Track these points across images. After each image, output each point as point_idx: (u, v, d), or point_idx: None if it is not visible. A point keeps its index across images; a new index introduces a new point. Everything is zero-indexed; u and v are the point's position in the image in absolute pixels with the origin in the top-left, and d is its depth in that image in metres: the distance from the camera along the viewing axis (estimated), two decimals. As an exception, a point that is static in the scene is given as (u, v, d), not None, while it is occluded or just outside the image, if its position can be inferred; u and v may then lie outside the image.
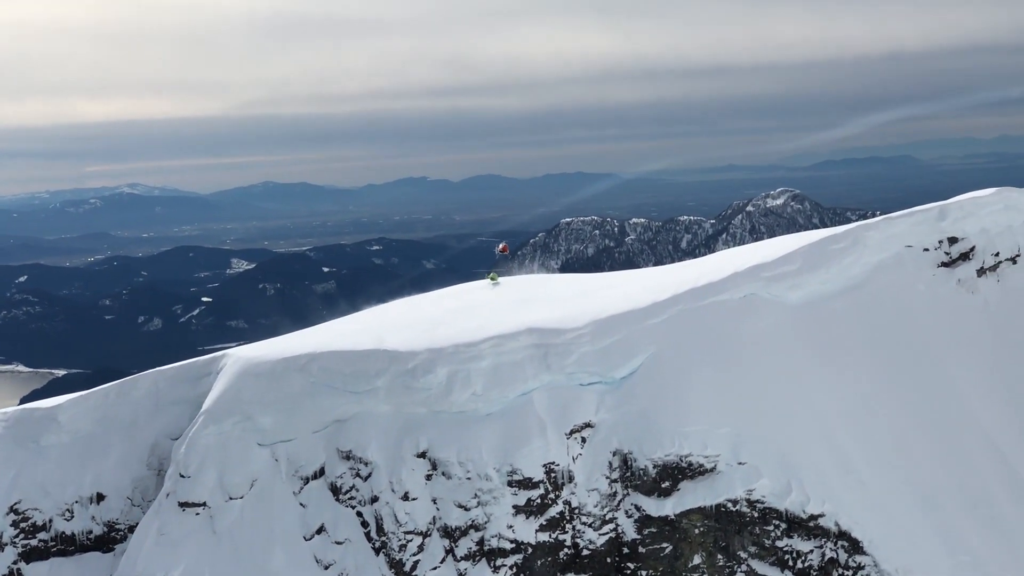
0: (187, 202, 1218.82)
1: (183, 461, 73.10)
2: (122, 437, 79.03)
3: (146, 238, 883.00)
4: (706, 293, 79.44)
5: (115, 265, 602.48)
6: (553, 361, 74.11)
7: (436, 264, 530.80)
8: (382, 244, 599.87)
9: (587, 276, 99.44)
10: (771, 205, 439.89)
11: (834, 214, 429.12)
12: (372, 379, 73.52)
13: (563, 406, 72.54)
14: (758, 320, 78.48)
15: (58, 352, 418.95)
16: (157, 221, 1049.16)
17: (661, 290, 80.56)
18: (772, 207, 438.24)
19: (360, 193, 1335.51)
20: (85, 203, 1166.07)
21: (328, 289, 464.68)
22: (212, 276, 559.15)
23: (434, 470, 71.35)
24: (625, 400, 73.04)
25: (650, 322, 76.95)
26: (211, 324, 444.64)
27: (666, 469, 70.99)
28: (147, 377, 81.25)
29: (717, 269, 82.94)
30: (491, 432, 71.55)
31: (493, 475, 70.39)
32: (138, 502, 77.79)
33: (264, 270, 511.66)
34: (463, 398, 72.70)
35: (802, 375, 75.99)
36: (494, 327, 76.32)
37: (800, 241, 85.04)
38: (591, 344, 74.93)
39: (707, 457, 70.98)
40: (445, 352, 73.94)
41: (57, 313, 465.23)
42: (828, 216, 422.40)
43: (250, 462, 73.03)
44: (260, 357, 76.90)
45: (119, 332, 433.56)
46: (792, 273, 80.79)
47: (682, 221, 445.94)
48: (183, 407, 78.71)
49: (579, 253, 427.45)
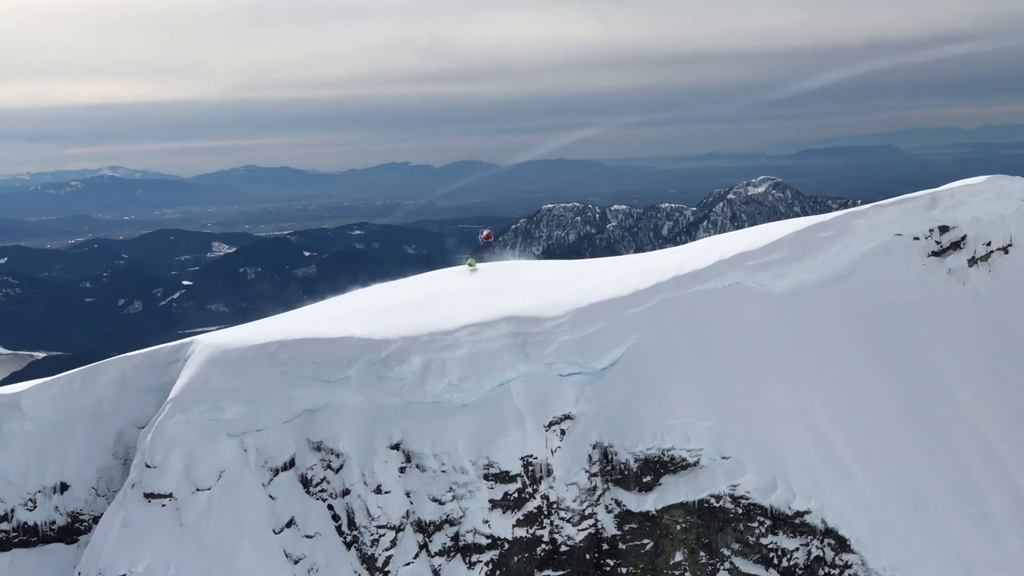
0: (168, 185, 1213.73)
1: (149, 451, 70.54)
2: (87, 425, 76.49)
3: (127, 221, 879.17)
4: (690, 281, 77.47)
5: (96, 248, 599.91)
6: (531, 351, 72.08)
7: (417, 249, 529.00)
8: (363, 229, 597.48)
9: (567, 263, 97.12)
10: (752, 193, 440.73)
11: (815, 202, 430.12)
12: (344, 368, 71.19)
13: (541, 397, 70.56)
14: (743, 310, 76.66)
15: (38, 334, 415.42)
16: (138, 204, 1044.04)
17: (643, 278, 78.52)
18: (753, 195, 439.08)
19: (342, 178, 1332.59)
20: (66, 185, 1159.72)
21: (309, 273, 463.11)
22: (193, 260, 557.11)
23: (408, 462, 69.14)
24: (605, 392, 71.08)
25: (632, 311, 75.01)
26: (192, 308, 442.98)
27: (647, 463, 69.10)
28: (113, 364, 78.68)
29: (701, 257, 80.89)
30: (467, 424, 69.39)
31: (469, 468, 68.32)
32: (103, 492, 75.29)
33: (245, 254, 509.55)
34: (438, 388, 70.45)
35: (788, 367, 74.13)
36: (471, 315, 74.15)
37: (786, 229, 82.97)
38: (571, 333, 72.92)
39: (690, 451, 69.15)
40: (420, 340, 71.66)
41: (37, 295, 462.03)
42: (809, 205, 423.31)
43: (218, 453, 70.44)
44: (229, 344, 74.45)
45: (99, 315, 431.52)
46: (778, 261, 78.84)
47: (663, 208, 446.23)
48: (150, 395, 76.16)
49: (560, 239, 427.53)
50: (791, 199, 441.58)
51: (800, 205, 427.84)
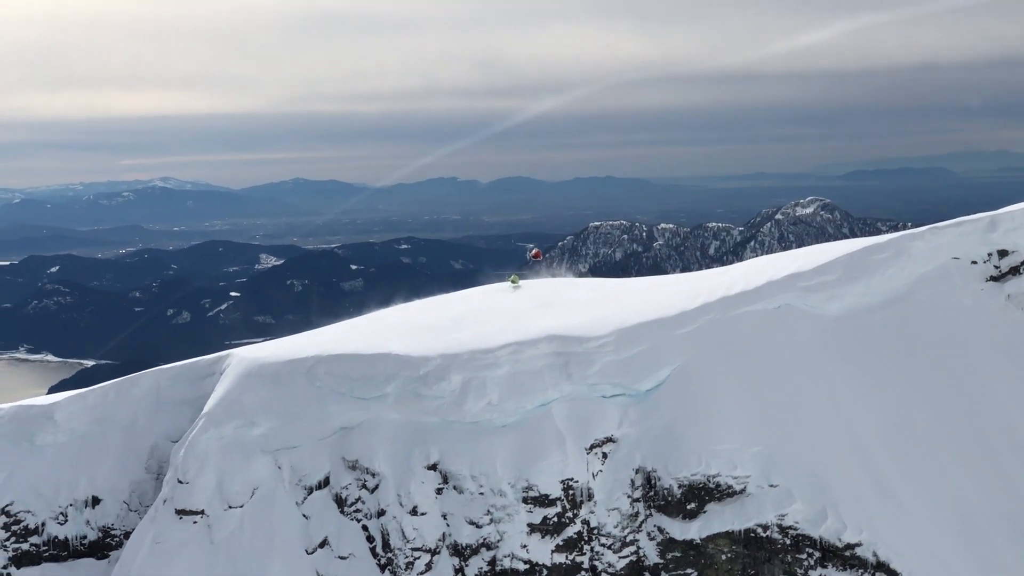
0: (218, 197, 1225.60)
1: (181, 466, 69.40)
2: (120, 438, 75.55)
3: (177, 232, 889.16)
4: (738, 302, 75.13)
5: (146, 258, 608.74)
6: (574, 371, 70.22)
7: (464, 264, 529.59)
8: (410, 243, 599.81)
9: (613, 281, 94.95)
10: (800, 214, 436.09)
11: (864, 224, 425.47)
12: (381, 385, 69.63)
13: (583, 419, 68.65)
14: (793, 332, 74.17)
15: (88, 343, 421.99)
16: (188, 215, 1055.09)
17: (691, 298, 76.33)
18: (801, 216, 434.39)
19: (390, 192, 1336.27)
20: (118, 196, 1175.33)
21: (356, 287, 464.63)
22: (241, 271, 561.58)
23: (445, 483, 67.44)
24: (650, 414, 69.03)
25: (678, 332, 72.89)
26: (239, 319, 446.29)
27: (692, 489, 66.82)
28: (148, 376, 77.63)
29: (750, 277, 78.52)
30: (506, 445, 67.63)
31: (507, 491, 66.51)
32: (135, 507, 74.21)
33: (292, 266, 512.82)
34: (477, 408, 68.74)
35: (839, 392, 71.52)
36: (512, 333, 72.38)
37: (839, 250, 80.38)
38: (615, 353, 70.93)
39: (736, 478, 66.75)
40: (459, 358, 69.95)
41: (88, 304, 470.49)
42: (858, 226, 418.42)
43: (251, 469, 69.29)
44: (265, 358, 73.09)
45: (148, 324, 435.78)
46: (830, 283, 76.25)
47: (710, 228, 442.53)
48: (185, 408, 75.11)
49: (607, 257, 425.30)
50: (840, 220, 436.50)
51: (849, 227, 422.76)
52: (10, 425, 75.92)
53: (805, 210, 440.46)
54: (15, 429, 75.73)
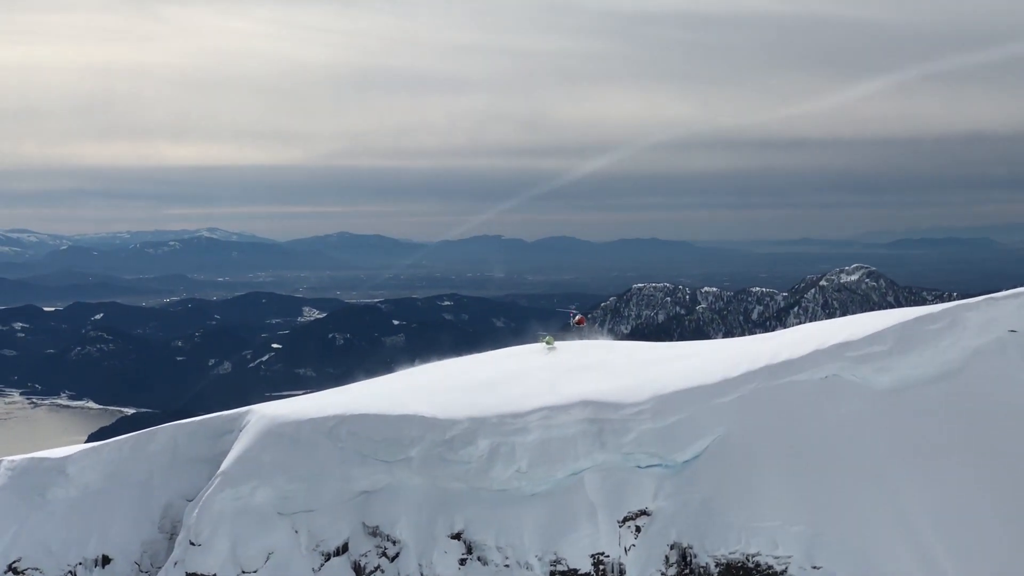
0: (263, 248, 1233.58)
1: (194, 527, 66.61)
2: (134, 495, 72.90)
3: (221, 282, 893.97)
4: (783, 371, 71.69)
5: (189, 307, 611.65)
6: (608, 439, 67.36)
7: (506, 323, 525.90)
8: (453, 300, 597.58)
9: (651, 345, 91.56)
10: (845, 281, 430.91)
11: (910, 293, 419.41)
12: (405, 448, 67.06)
13: (617, 490, 65.88)
14: (840, 405, 70.63)
15: (129, 390, 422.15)
16: (233, 266, 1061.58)
17: (733, 365, 72.94)
18: (846, 283, 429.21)
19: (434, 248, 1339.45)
20: (164, 245, 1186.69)
21: (397, 342, 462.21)
22: (283, 323, 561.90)
23: (469, 554, 64.67)
24: (687, 487, 66.02)
25: (719, 400, 69.74)
26: (280, 371, 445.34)
27: (730, 569, 63.60)
28: (165, 431, 74.98)
29: (796, 345, 75.05)
30: (535, 515, 65.00)
31: (535, 564, 63.77)
32: (146, 568, 71.27)
33: (335, 320, 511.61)
34: (505, 475, 66.25)
35: (889, 470, 67.69)
36: (544, 397, 69.50)
37: (890, 319, 76.69)
38: (652, 422, 68.04)
39: (777, 558, 63.41)
40: (488, 422, 67.14)
41: (130, 352, 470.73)
42: (903, 295, 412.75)
43: (267, 532, 66.62)
44: (285, 416, 70.34)
45: (189, 373, 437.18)
46: (881, 354, 72.55)
47: (754, 292, 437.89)
48: (202, 466, 72.38)
49: (649, 319, 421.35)
50: (885, 289, 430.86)
51: (894, 295, 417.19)
52: (22, 478, 73.38)
53: (850, 277, 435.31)
54: (27, 482, 73.20)
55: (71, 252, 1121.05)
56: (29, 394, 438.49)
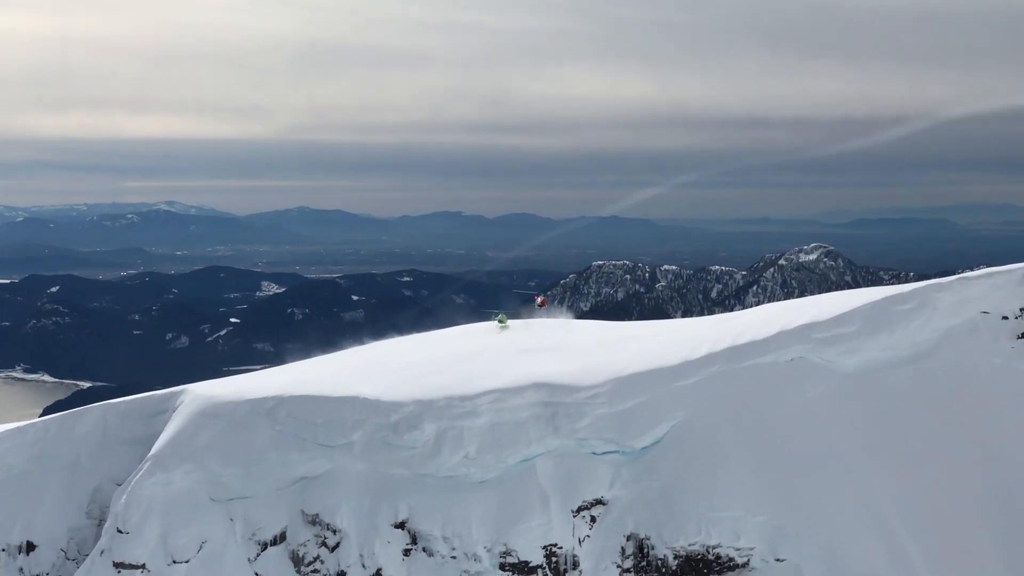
0: (222, 222, 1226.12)
1: (122, 513, 62.69)
2: (61, 479, 68.86)
3: (179, 256, 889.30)
4: (747, 353, 68.43)
5: (147, 281, 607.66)
6: (562, 423, 63.82)
7: (466, 300, 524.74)
8: (413, 276, 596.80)
9: (610, 324, 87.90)
10: (804, 260, 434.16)
11: (867, 273, 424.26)
12: (347, 432, 63.32)
13: (571, 478, 62.46)
14: (806, 389, 67.48)
15: (84, 364, 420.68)
16: (191, 240, 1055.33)
17: (694, 346, 69.65)
18: (804, 262, 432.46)
19: (395, 224, 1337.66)
20: (122, 218, 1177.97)
21: (356, 317, 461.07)
22: (242, 297, 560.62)
23: (414, 544, 61.19)
24: (644, 475, 62.81)
25: (679, 384, 66.39)
26: (237, 345, 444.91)
27: (689, 561, 60.61)
28: (94, 411, 70.89)
29: (760, 325, 71.80)
30: (484, 503, 61.54)
31: (483, 555, 60.31)
32: (73, 555, 67.31)
33: (293, 294, 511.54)
34: (453, 461, 62.53)
35: (856, 457, 64.86)
36: (495, 378, 65.93)
37: (858, 299, 73.51)
38: (608, 406, 64.56)
39: (739, 550, 60.54)
40: (435, 405, 63.50)
41: (86, 325, 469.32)
42: (861, 275, 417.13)
43: (200, 520, 62.63)
44: (221, 396, 66.42)
45: (146, 347, 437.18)
46: (849, 336, 69.41)
47: (713, 271, 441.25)
48: (134, 448, 68.34)
49: (609, 297, 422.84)
50: (843, 268, 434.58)
51: (852, 275, 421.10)
52: (-60, 460, 68.98)
53: (808, 256, 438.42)
54: (-55, 465, 68.81)
55: (27, 224, 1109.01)
56: None
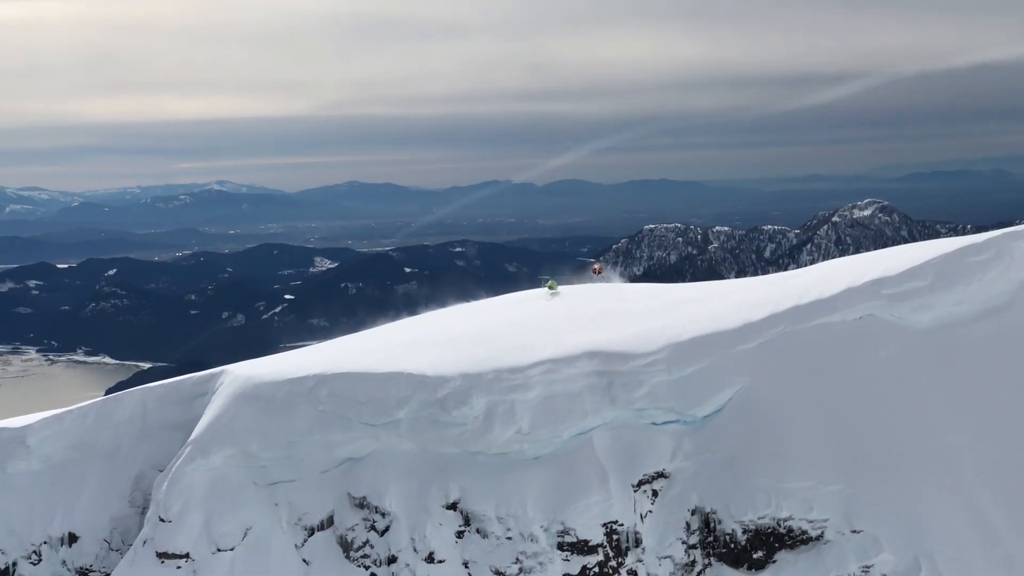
0: (273, 200, 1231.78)
1: (164, 501, 60.89)
2: (101, 467, 67.54)
3: (232, 235, 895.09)
4: (812, 313, 65.14)
5: (201, 261, 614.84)
6: (619, 393, 61.40)
7: (518, 267, 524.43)
8: (465, 246, 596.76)
9: (664, 287, 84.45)
10: (857, 216, 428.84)
11: (924, 227, 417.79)
12: (392, 409, 61.14)
13: (630, 450, 60.07)
14: (878, 348, 64.24)
15: (143, 345, 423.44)
16: (244, 218, 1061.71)
17: (756, 307, 66.34)
18: (859, 218, 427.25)
19: (444, 195, 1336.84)
20: (175, 199, 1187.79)
21: (410, 289, 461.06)
22: (295, 274, 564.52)
23: (467, 526, 59.04)
24: (708, 445, 60.27)
25: (742, 347, 63.66)
26: (293, 321, 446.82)
27: (759, 535, 58.04)
28: (133, 396, 68.93)
29: (825, 283, 68.26)
30: (539, 481, 59.19)
31: (540, 535, 57.96)
32: (117, 545, 65.92)
33: (347, 269, 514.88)
34: (505, 437, 60.18)
35: (934, 420, 61.45)
36: (546, 348, 63.51)
37: (929, 251, 69.67)
38: (666, 373, 62.14)
39: (812, 522, 57.78)
40: (484, 378, 61.19)
41: (144, 307, 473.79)
42: (917, 229, 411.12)
43: (244, 506, 61.06)
44: (261, 377, 64.02)
45: (203, 327, 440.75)
46: (921, 290, 65.71)
47: (766, 230, 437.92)
48: (174, 433, 66.62)
49: (661, 260, 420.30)
50: (898, 223, 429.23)
51: (908, 229, 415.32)
52: (-22, 451, 67.10)
53: (863, 212, 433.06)
54: (-17, 456, 66.93)
55: (83, 208, 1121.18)
56: (46, 351, 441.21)
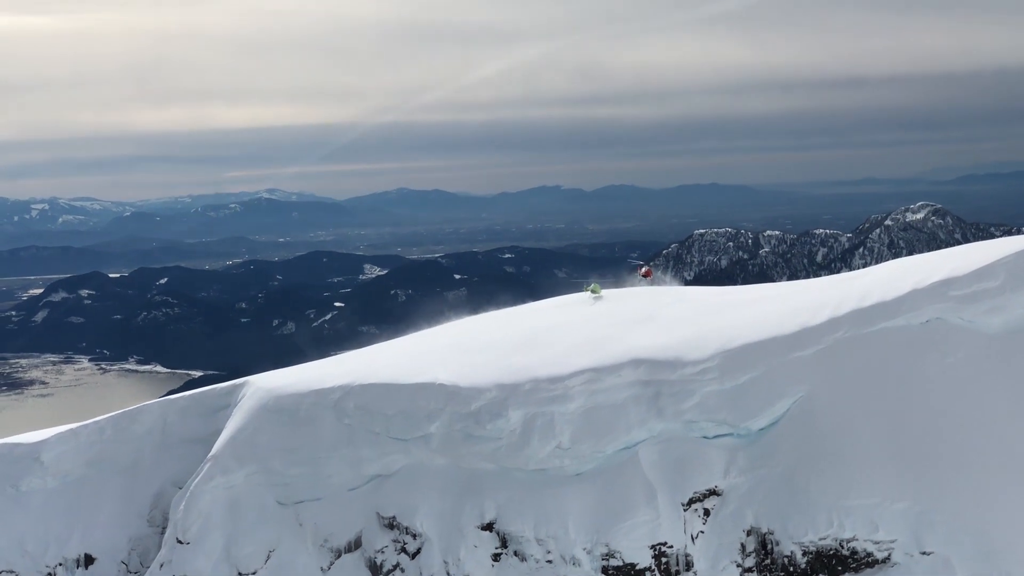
0: (323, 208, 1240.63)
1: (181, 522, 57.79)
2: (119, 484, 64.99)
3: (282, 243, 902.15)
4: (875, 316, 60.80)
5: (252, 269, 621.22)
6: (666, 404, 57.66)
7: (568, 273, 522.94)
8: (514, 252, 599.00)
9: (715, 290, 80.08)
10: (911, 219, 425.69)
11: (977, 230, 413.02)
12: (423, 423, 57.84)
13: (679, 466, 56.38)
14: (946, 354, 59.63)
15: (195, 354, 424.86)
16: (293, 226, 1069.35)
17: (814, 311, 62.05)
18: (912, 221, 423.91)
19: (493, 201, 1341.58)
20: (225, 208, 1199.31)
21: (459, 296, 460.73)
22: (345, 281, 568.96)
23: (504, 548, 55.62)
24: (764, 460, 56.35)
25: (798, 354, 59.45)
26: (343, 329, 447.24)
27: (820, 557, 53.84)
28: (151, 409, 65.87)
29: (888, 284, 63.70)
30: (581, 499, 55.73)
31: (583, 558, 54.51)
32: (135, 567, 63.24)
33: (396, 276, 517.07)
34: (544, 452, 56.70)
35: (1008, 430, 56.82)
36: (589, 356, 59.80)
37: (1000, 250, 64.93)
38: (718, 382, 58.26)
39: (878, 543, 53.43)
40: (520, 389, 57.70)
41: (195, 315, 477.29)
42: (971, 232, 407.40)
43: (266, 526, 58.15)
44: (283, 389, 60.51)
45: (254, 335, 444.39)
46: (992, 291, 61.12)
47: (818, 234, 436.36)
48: (196, 448, 63.80)
49: (712, 265, 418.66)
50: (952, 226, 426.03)
51: (962, 232, 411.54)
52: (-9, 468, 64.16)
53: (915, 216, 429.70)
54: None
55: (134, 218, 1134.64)
56: (98, 360, 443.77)
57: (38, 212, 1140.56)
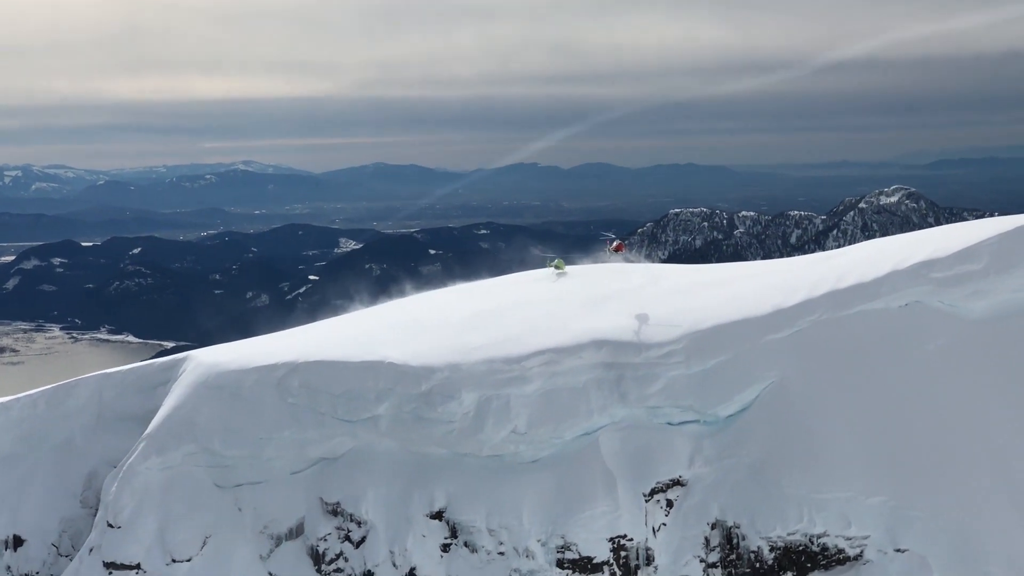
0: (299, 180, 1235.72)
1: (113, 504, 54.48)
2: (51, 462, 61.52)
3: (258, 215, 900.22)
4: (852, 298, 58.29)
5: (226, 240, 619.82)
6: (630, 388, 54.90)
7: (543, 251, 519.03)
8: (490, 228, 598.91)
9: (685, 268, 77.19)
10: (884, 203, 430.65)
11: (951, 214, 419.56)
12: (372, 404, 54.69)
13: (642, 454, 53.65)
14: (926, 340, 57.13)
15: (167, 324, 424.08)
16: (269, 198, 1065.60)
17: (788, 291, 59.54)
18: (885, 204, 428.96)
19: (470, 177, 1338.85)
20: (200, 179, 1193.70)
21: (434, 271, 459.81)
22: (320, 254, 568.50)
23: (453, 538, 52.70)
24: (732, 449, 53.63)
25: (771, 337, 56.86)
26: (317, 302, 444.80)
27: (788, 554, 51.24)
28: (87, 383, 62.46)
29: (866, 265, 61.07)
30: (536, 488, 52.98)
31: (537, 550, 51.74)
32: (66, 551, 60.08)
33: (371, 250, 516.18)
34: (498, 437, 53.82)
35: (990, 421, 54.47)
36: (548, 336, 56.84)
37: (984, 230, 62.39)
38: (685, 366, 55.58)
39: (850, 540, 51.03)
40: (475, 370, 54.66)
41: (168, 286, 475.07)
42: (944, 216, 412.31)
43: (203, 511, 54.63)
44: (225, 365, 57.11)
45: (227, 307, 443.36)
46: (975, 274, 58.65)
47: (792, 216, 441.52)
48: (132, 425, 60.48)
49: (687, 244, 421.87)
50: (925, 209, 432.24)
51: (935, 216, 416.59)
52: (-85, 443, 60.73)
53: (889, 199, 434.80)
54: (-80, 447, 60.64)
55: (108, 187, 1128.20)
56: (69, 329, 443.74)
57: (11, 179, 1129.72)
